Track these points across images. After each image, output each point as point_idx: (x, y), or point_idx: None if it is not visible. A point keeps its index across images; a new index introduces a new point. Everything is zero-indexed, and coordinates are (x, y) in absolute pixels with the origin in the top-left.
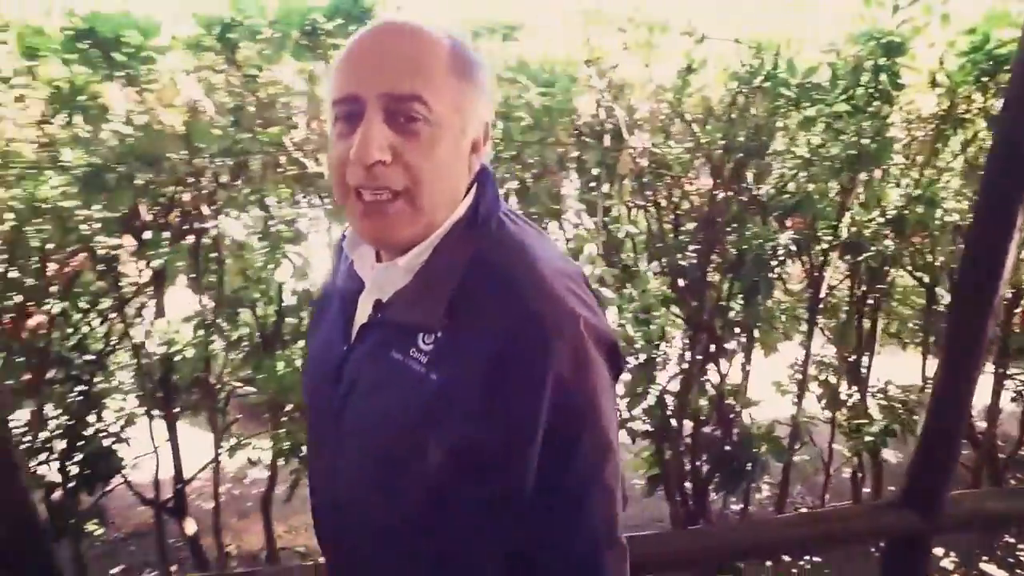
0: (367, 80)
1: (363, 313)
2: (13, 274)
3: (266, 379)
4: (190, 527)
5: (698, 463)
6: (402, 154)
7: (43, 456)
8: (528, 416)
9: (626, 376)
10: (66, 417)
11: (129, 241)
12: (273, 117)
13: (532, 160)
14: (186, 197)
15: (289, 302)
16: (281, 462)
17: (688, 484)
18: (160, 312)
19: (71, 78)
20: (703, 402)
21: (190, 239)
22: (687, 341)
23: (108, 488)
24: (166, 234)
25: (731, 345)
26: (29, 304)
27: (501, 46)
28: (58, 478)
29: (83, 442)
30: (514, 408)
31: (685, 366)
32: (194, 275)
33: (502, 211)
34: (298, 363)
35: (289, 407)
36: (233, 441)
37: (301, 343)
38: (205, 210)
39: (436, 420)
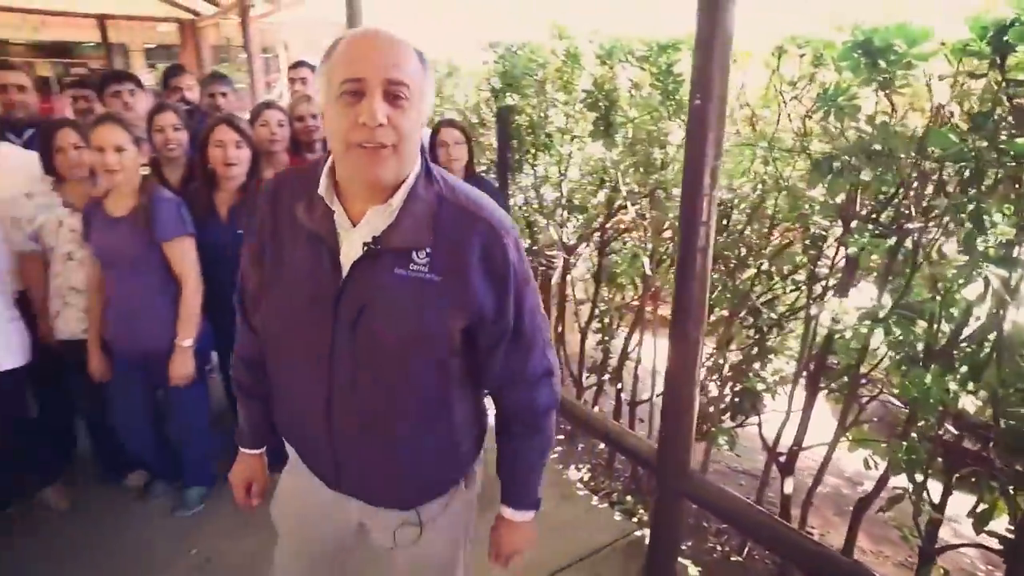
0: (372, 68)
1: (351, 250)
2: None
3: (910, 389)
4: (789, 486)
5: None
6: (392, 119)
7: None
8: (507, 284)
9: None
10: (737, 354)
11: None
12: None
13: None
14: (904, 198)
15: (971, 325)
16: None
17: None
18: (842, 295)
19: (838, 82)
20: None
21: (892, 239)
22: None
23: (741, 424)
24: (873, 227)
25: None
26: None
27: None
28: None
29: (744, 378)
30: (499, 281)
31: None
32: (884, 272)
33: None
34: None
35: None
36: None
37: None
38: (916, 212)
39: (447, 305)
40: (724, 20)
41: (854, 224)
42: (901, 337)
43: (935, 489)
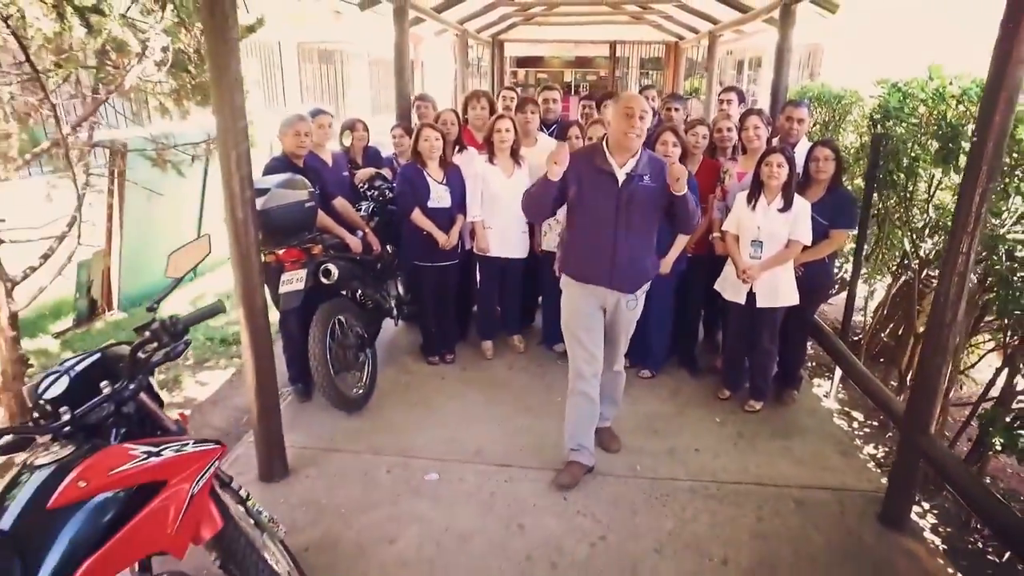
0: (635, 105)
1: (621, 176)
2: None
3: None
4: None
5: None
6: (641, 124)
7: None
8: (665, 182)
9: None
10: None
11: None
12: None
13: None
14: None
15: None
16: None
17: None
18: None
19: None
20: None
21: None
22: None
23: None
24: None
25: None
26: None
27: None
28: None
29: None
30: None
31: None
32: None
33: None
34: None
35: None
36: None
37: None
38: None
39: (659, 193)
40: (1011, 72)
41: None
42: None
43: None
